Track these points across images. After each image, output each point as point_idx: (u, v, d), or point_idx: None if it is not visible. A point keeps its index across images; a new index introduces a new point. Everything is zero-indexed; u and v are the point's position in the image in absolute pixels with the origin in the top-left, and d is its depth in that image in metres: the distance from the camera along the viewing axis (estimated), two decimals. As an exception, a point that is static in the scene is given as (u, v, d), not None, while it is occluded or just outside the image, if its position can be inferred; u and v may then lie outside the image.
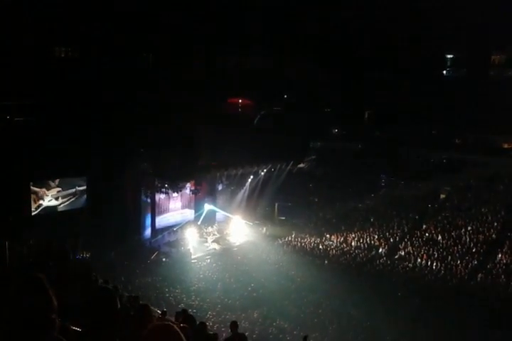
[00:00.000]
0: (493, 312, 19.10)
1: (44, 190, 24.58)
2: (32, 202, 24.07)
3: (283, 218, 31.90)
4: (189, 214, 30.97)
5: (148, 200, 28.44)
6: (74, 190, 25.94)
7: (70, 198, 25.86)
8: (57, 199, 25.34)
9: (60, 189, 25.35)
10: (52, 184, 25.02)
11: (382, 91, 35.18)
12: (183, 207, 30.86)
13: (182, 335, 2.08)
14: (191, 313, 10.56)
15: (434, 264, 24.24)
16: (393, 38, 35.30)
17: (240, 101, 36.41)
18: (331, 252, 26.96)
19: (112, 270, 21.31)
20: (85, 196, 26.48)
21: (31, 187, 23.99)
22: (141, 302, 8.47)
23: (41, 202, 24.57)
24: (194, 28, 31.65)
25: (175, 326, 2.11)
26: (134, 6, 29.59)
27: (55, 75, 26.34)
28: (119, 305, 2.81)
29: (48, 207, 24.85)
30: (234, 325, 8.78)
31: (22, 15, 25.78)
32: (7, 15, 24.85)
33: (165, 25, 30.68)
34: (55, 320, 2.27)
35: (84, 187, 26.18)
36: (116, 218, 25.50)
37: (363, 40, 36.42)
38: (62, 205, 25.58)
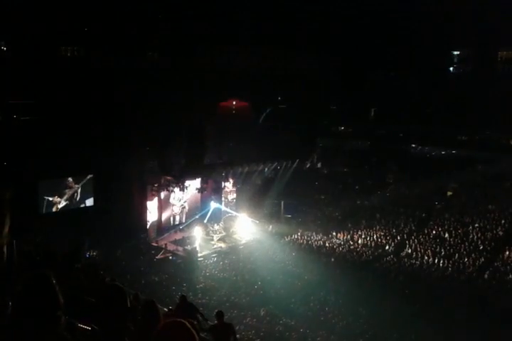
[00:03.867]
0: (502, 310, 19.01)
1: (59, 198, 25.72)
2: (54, 209, 25.46)
3: (289, 216, 31.86)
4: (195, 212, 31.02)
5: (155, 198, 28.50)
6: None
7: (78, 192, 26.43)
8: (66, 200, 25.97)
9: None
10: (67, 191, 25.89)
11: (388, 88, 35.05)
12: (189, 205, 30.92)
13: (194, 332, 2.07)
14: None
15: (441, 262, 24.13)
16: (399, 35, 35.12)
17: (234, 103, 35.63)
18: (337, 250, 26.89)
19: (118, 268, 21.38)
20: (92, 194, 26.62)
21: (53, 198, 25.26)
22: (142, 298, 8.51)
23: (59, 205, 25.76)
24: (194, 28, 31.65)
25: (187, 323, 2.10)
26: (135, 6, 29.62)
27: (60, 74, 26.43)
28: (129, 303, 2.80)
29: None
30: (219, 314, 9.12)
31: (28, 14, 25.85)
32: (13, 15, 24.94)
33: (166, 25, 30.71)
34: (61, 317, 2.26)
35: (90, 176, 26.49)
36: (122, 216, 25.58)
37: (368, 37, 36.25)
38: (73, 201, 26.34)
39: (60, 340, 2.23)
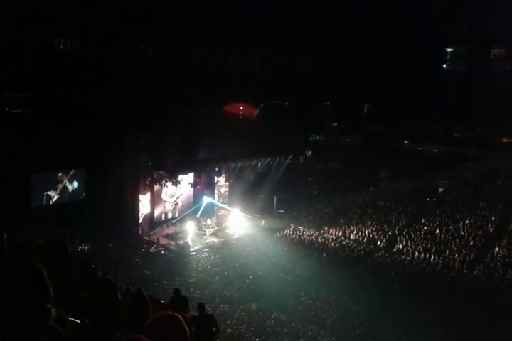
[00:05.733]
0: (491, 306, 19.20)
1: (54, 192, 25.84)
2: (50, 202, 25.65)
3: (282, 211, 31.92)
4: (188, 206, 31.01)
5: (148, 193, 28.44)
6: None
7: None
8: (59, 194, 25.98)
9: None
10: (59, 185, 25.95)
11: (381, 85, 35.09)
12: (181, 200, 30.89)
13: (185, 325, 2.09)
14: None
15: (432, 258, 24.33)
16: (393, 32, 35.12)
17: (242, 108, 35.12)
18: (329, 245, 27.01)
19: (110, 262, 21.34)
20: (84, 188, 26.56)
21: (51, 193, 25.50)
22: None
23: (53, 199, 25.88)
24: (192, 24, 31.49)
25: (179, 316, 2.12)
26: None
27: (53, 67, 26.24)
28: (119, 296, 2.81)
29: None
30: (201, 306, 9.34)
31: (22, 7, 25.60)
32: (7, 7, 24.68)
33: (164, 21, 30.49)
34: (51, 310, 2.27)
35: (73, 170, 26.50)
36: (114, 210, 25.53)
37: (362, 34, 36.25)
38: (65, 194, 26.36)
39: (50, 332, 2.25)
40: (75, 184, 26.46)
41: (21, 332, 2.17)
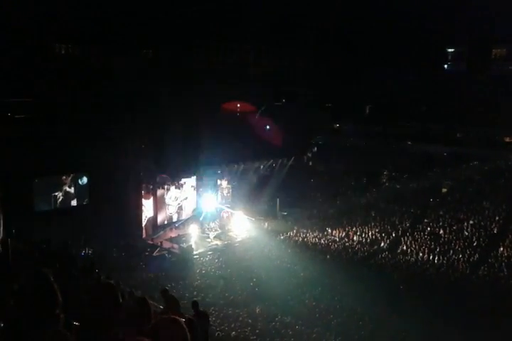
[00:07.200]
0: (495, 306, 19.13)
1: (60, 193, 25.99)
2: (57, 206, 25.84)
3: (285, 213, 31.94)
4: (191, 209, 31.03)
5: (150, 196, 28.49)
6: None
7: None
8: (63, 195, 26.02)
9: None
10: (64, 188, 26.06)
11: (382, 85, 35.10)
12: (184, 203, 30.91)
13: (186, 329, 2.11)
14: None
15: (436, 258, 24.28)
16: (394, 32, 35.14)
17: (239, 105, 35.40)
18: (332, 247, 27.00)
19: (113, 266, 21.37)
20: (87, 192, 26.62)
21: (57, 194, 25.71)
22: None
23: (58, 201, 26.01)
24: (193, 28, 31.53)
25: (180, 320, 2.14)
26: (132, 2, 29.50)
27: (55, 72, 26.33)
28: (121, 300, 2.83)
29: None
30: (195, 304, 9.51)
31: (21, 12, 25.70)
32: (7, 12, 24.79)
33: (166, 24, 30.54)
34: (60, 315, 2.29)
35: (72, 175, 26.55)
36: (118, 214, 25.56)
37: (363, 34, 36.29)
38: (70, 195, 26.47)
39: (59, 338, 2.27)
40: (79, 186, 26.51)
41: (33, 338, 2.19)
